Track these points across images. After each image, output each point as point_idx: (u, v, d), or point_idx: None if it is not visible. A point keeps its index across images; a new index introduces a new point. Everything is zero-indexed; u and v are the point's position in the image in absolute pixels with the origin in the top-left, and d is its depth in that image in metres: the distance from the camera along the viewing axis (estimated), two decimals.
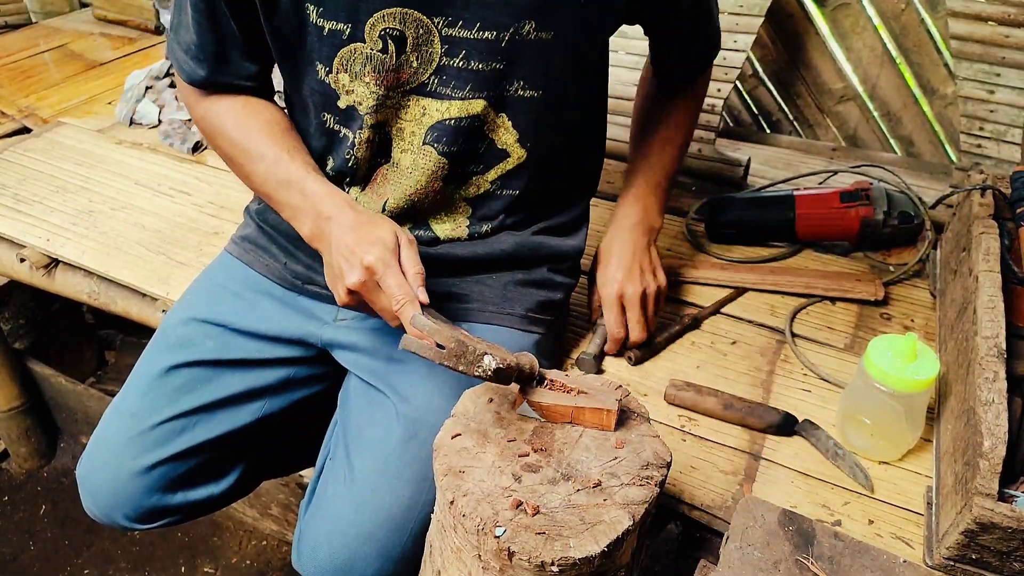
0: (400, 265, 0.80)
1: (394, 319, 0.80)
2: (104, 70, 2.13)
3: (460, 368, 0.70)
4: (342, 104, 0.91)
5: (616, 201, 1.17)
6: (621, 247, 1.11)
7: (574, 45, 0.87)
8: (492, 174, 0.96)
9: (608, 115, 1.11)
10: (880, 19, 1.77)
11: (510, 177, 0.96)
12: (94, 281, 1.43)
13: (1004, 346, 0.89)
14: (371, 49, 0.85)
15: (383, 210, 0.98)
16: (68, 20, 2.47)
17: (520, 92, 0.88)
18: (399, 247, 0.81)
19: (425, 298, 0.78)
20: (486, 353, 0.70)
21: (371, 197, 0.98)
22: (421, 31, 0.84)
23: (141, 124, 1.83)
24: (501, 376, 0.71)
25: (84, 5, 2.56)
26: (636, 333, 1.11)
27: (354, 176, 0.98)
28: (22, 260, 1.46)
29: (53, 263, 1.46)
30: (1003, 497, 0.80)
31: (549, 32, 0.84)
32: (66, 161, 1.69)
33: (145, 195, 1.59)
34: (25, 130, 1.85)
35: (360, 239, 0.80)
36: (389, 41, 0.84)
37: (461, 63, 0.85)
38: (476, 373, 0.70)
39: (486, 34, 0.83)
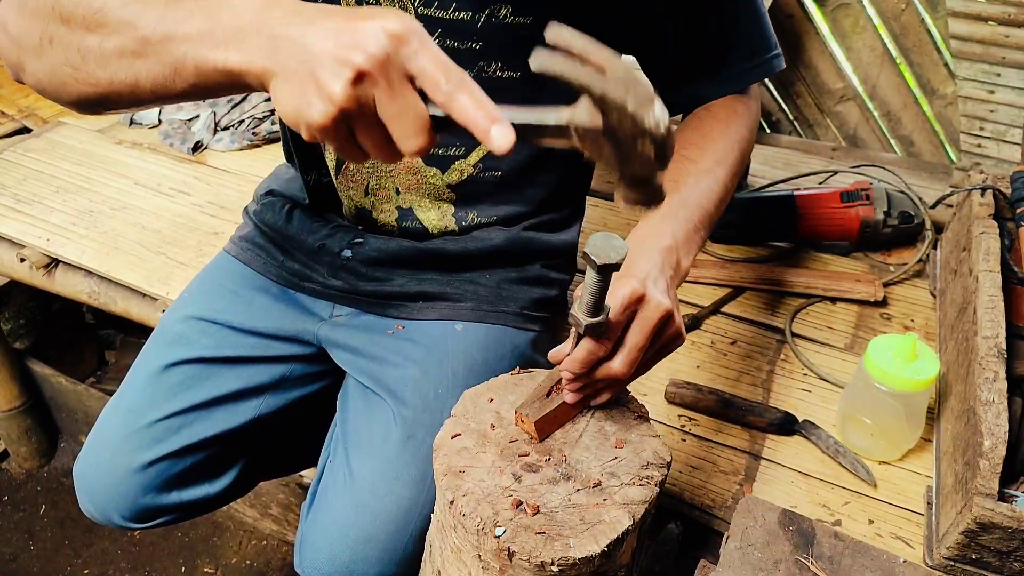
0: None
1: (421, 128, 0.53)
2: None
3: (629, 105, 0.46)
4: None
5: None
6: (647, 259, 0.73)
7: None
8: (474, 156, 0.94)
9: None
10: (880, 19, 1.77)
11: (492, 158, 0.94)
12: (94, 281, 1.43)
13: (1004, 346, 0.89)
14: None
15: (365, 194, 0.97)
16: None
17: (498, 73, 0.87)
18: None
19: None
20: (656, 98, 0.48)
21: (347, 183, 0.98)
22: (396, 6, 0.84)
23: (141, 124, 1.83)
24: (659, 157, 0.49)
25: None
26: (623, 364, 0.69)
27: (326, 152, 0.97)
28: (22, 260, 1.46)
29: (53, 263, 1.46)
30: (1003, 497, 0.80)
31: (527, 17, 0.84)
32: (66, 161, 1.69)
33: (145, 195, 1.59)
34: (25, 130, 1.85)
35: (360, 13, 0.54)
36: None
37: (436, 42, 0.85)
38: (645, 123, 0.47)
39: (461, 14, 0.83)
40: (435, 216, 0.98)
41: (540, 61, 0.48)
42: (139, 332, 2.27)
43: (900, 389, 0.93)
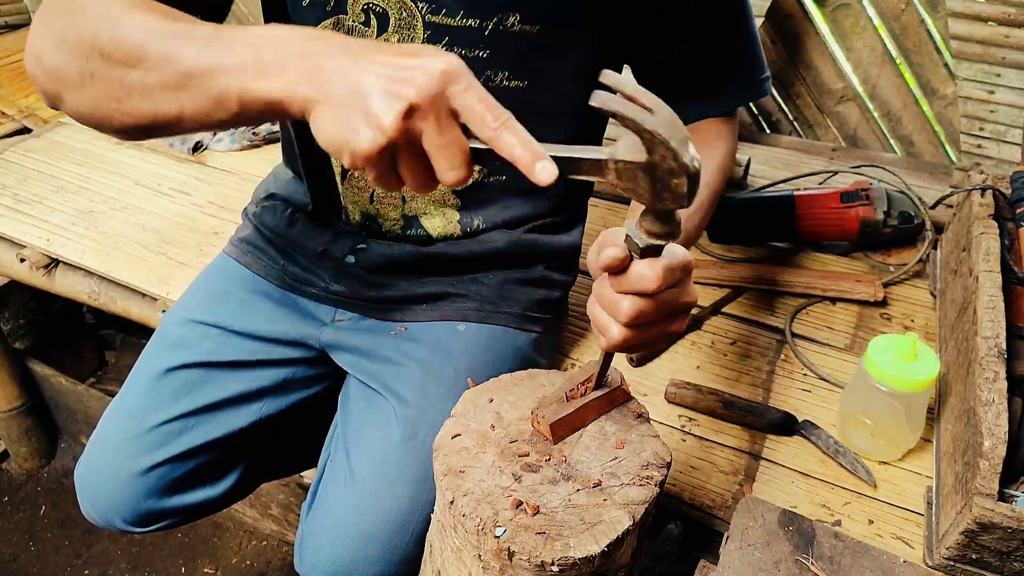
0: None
1: (463, 161, 0.56)
2: None
3: (673, 143, 0.50)
4: None
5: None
6: None
7: (564, 43, 0.86)
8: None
9: None
10: (880, 19, 1.77)
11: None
12: (94, 281, 1.43)
13: (1004, 346, 0.89)
14: (353, 22, 0.85)
15: (370, 202, 0.97)
16: None
17: (504, 82, 0.87)
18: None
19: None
20: (690, 139, 0.52)
21: (353, 190, 0.98)
22: (404, 14, 0.83)
23: None
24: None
25: None
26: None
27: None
28: (22, 260, 1.46)
29: (53, 263, 1.46)
30: (1003, 497, 0.80)
31: (534, 26, 0.84)
32: (66, 161, 1.69)
33: (145, 195, 1.59)
34: (25, 130, 1.85)
35: (405, 51, 0.56)
36: (372, 16, 0.84)
37: (443, 49, 0.85)
38: (684, 159, 0.51)
39: (469, 21, 0.83)
40: (440, 223, 0.98)
41: (600, 100, 0.51)
42: (139, 332, 2.27)
43: (900, 389, 0.93)
